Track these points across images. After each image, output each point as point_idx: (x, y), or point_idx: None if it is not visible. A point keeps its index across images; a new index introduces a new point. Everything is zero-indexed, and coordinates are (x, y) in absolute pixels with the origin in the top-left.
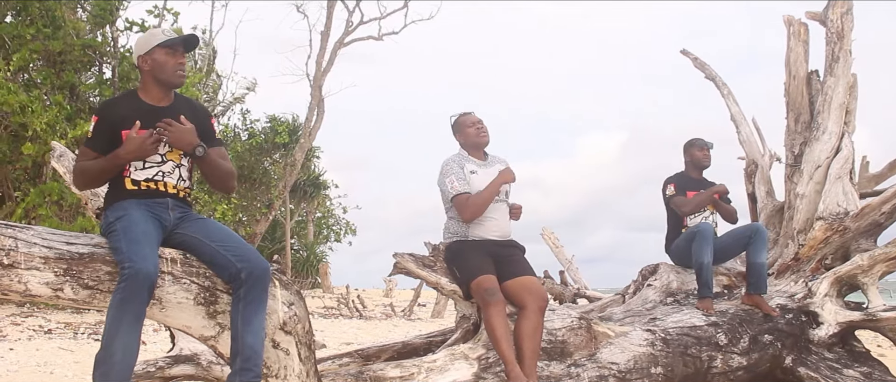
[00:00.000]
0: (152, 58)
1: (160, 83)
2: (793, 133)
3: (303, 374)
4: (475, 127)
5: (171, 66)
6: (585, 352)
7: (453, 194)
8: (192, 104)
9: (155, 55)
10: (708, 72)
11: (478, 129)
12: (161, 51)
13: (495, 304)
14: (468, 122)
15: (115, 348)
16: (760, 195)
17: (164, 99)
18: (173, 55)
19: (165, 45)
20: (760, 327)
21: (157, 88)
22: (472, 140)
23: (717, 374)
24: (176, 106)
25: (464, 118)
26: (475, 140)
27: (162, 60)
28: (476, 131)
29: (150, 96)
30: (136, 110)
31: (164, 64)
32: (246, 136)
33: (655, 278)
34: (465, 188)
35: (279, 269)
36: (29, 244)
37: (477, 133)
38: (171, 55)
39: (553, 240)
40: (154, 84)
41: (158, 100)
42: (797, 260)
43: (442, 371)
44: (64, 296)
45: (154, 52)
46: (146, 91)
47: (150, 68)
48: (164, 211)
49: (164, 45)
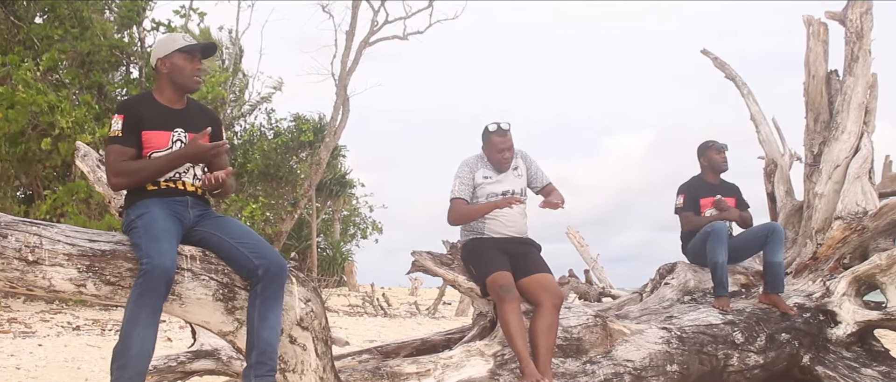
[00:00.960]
0: (171, 61)
1: (177, 86)
2: (812, 132)
3: (319, 369)
4: (502, 154)
5: (189, 71)
6: (601, 350)
7: (451, 196)
8: (203, 108)
9: (174, 59)
10: (728, 71)
11: (503, 158)
12: (180, 55)
13: (510, 301)
14: (498, 147)
15: (133, 341)
16: (779, 194)
17: (179, 102)
18: (191, 60)
19: (185, 50)
20: (777, 326)
21: (173, 91)
22: (494, 163)
23: (733, 372)
24: (189, 109)
25: (496, 140)
26: (497, 165)
27: (181, 65)
28: (500, 158)
29: (165, 98)
30: (152, 111)
31: (183, 68)
32: (272, 135)
33: (672, 277)
34: (465, 194)
35: (296, 267)
36: (53, 241)
37: (500, 160)
38: (190, 60)
39: (578, 240)
40: (170, 87)
41: (173, 102)
42: (815, 260)
43: (458, 367)
44: (86, 292)
45: (173, 57)
46: (161, 93)
47: (168, 71)
48: (184, 209)
49: (184, 50)
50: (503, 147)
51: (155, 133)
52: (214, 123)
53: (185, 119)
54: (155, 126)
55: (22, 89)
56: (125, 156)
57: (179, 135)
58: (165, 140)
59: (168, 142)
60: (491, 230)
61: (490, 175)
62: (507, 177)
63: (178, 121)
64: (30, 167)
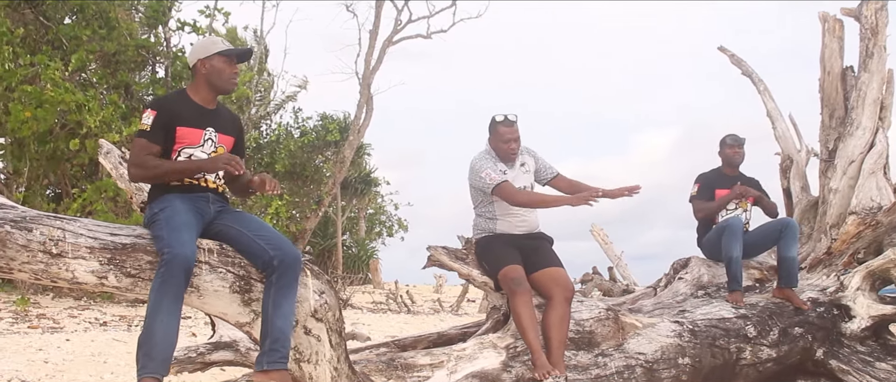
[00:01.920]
0: (211, 63)
1: (214, 87)
2: (827, 128)
3: (333, 359)
4: (508, 145)
5: (227, 74)
6: (613, 343)
7: (494, 184)
8: (230, 112)
9: (214, 61)
10: (744, 68)
11: (510, 149)
12: (220, 58)
13: (521, 294)
14: (504, 137)
15: (156, 328)
16: (795, 190)
17: (212, 102)
18: (230, 64)
19: (224, 53)
20: (791, 320)
21: (209, 92)
22: (501, 154)
23: (746, 366)
24: (220, 111)
25: (502, 130)
26: (504, 156)
27: (220, 67)
28: (506, 148)
29: (200, 98)
30: (188, 109)
31: (222, 71)
32: (298, 134)
33: (686, 271)
34: (504, 177)
35: (311, 260)
36: (76, 235)
37: (507, 150)
38: (228, 64)
39: (602, 237)
40: (207, 87)
41: (207, 102)
42: (829, 255)
43: (471, 359)
44: (108, 284)
45: (213, 59)
46: (197, 92)
47: (207, 72)
48: (205, 205)
49: (224, 53)
50: (509, 137)
51: (189, 130)
52: (239, 132)
53: (216, 120)
54: (190, 123)
55: (50, 88)
56: (149, 151)
57: (211, 133)
58: (198, 137)
59: (200, 139)
60: (502, 229)
61: (505, 168)
62: (515, 173)
63: (210, 121)
64: (58, 166)
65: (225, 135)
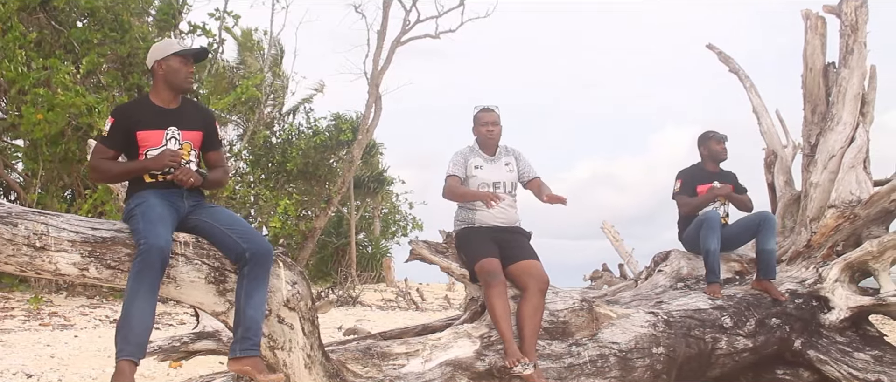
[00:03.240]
0: (168, 64)
1: (171, 87)
2: (809, 124)
3: (307, 347)
4: (487, 127)
5: (184, 74)
6: (587, 333)
7: (447, 174)
8: (198, 107)
9: (170, 62)
10: (732, 65)
11: (488, 131)
12: (176, 59)
13: (496, 285)
14: (482, 121)
15: (133, 315)
16: (779, 184)
17: (173, 102)
18: (186, 64)
19: (180, 54)
20: (768, 311)
21: (168, 92)
22: (481, 139)
23: (722, 355)
24: (183, 108)
25: (481, 115)
26: (484, 140)
27: (176, 67)
28: (486, 131)
29: (161, 99)
30: (147, 112)
31: (178, 71)
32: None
33: (666, 264)
34: (458, 172)
35: (284, 252)
36: (58, 229)
37: (487, 134)
38: (184, 63)
39: (613, 234)
40: (165, 88)
41: (168, 102)
42: (809, 247)
43: (445, 348)
44: (89, 275)
45: (170, 59)
46: (158, 95)
47: (164, 73)
48: (179, 200)
49: (179, 54)
50: (488, 121)
51: (149, 132)
52: (208, 125)
53: (178, 118)
54: (149, 126)
55: (61, 92)
56: (104, 155)
57: (173, 132)
58: (159, 138)
59: (162, 139)
60: (481, 219)
61: (481, 164)
62: (498, 168)
63: (171, 120)
64: (71, 167)
65: (189, 132)
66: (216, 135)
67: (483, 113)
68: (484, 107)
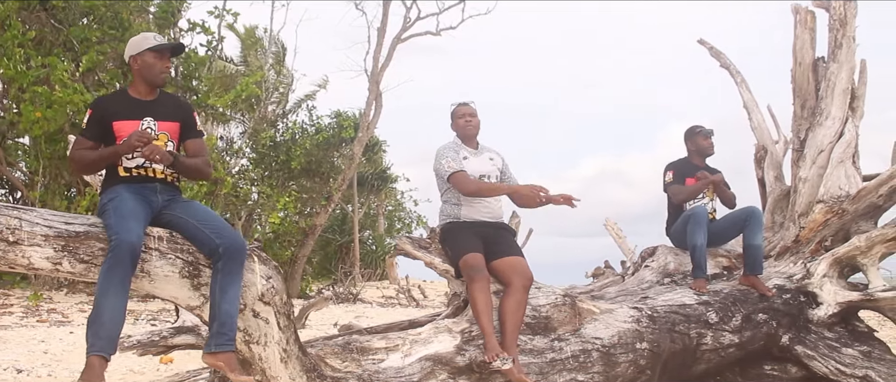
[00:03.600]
0: (143, 58)
1: (147, 81)
2: (799, 119)
3: (282, 341)
4: (464, 118)
5: (158, 68)
6: (569, 328)
7: (450, 172)
8: (175, 99)
9: (145, 57)
10: (722, 61)
11: (467, 122)
12: (150, 54)
13: (479, 280)
14: (459, 113)
15: (104, 310)
16: (769, 180)
17: (150, 94)
18: (161, 58)
19: (155, 49)
20: (755, 306)
21: (144, 86)
22: (461, 131)
23: (707, 351)
24: (160, 100)
25: (458, 109)
26: (463, 131)
27: (151, 62)
28: (464, 123)
29: (138, 92)
30: (124, 103)
31: (152, 65)
32: (313, 132)
33: (653, 259)
34: (461, 166)
35: (259, 247)
36: (32, 223)
37: (465, 125)
38: (159, 58)
39: (616, 231)
40: (142, 82)
41: (145, 95)
42: (797, 243)
43: (425, 342)
44: (63, 269)
45: (144, 54)
46: (135, 88)
47: (139, 68)
48: (153, 194)
49: (154, 49)
50: (465, 112)
51: (125, 123)
52: (185, 116)
53: (155, 109)
54: (125, 117)
55: (59, 89)
56: (82, 146)
57: (149, 122)
58: (136, 128)
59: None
60: (466, 215)
61: (466, 155)
62: (483, 161)
63: (147, 112)
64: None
65: (166, 122)
66: (195, 125)
67: (461, 106)
68: (460, 102)
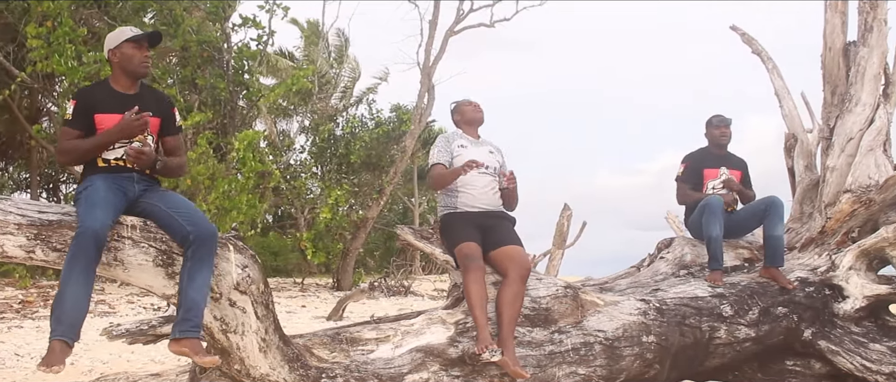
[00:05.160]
0: (121, 51)
1: (127, 73)
2: (829, 106)
3: (261, 330)
4: (472, 105)
5: (138, 59)
6: (571, 320)
7: (430, 162)
8: (156, 94)
9: (123, 49)
10: (754, 47)
11: (475, 107)
12: (129, 45)
13: (474, 270)
14: (466, 102)
15: (66, 296)
16: (798, 169)
17: (132, 87)
18: (139, 49)
19: (133, 39)
20: (774, 299)
21: (125, 78)
22: (468, 116)
23: (721, 345)
24: (141, 94)
25: (465, 104)
26: (470, 116)
27: (130, 54)
28: (473, 108)
29: (120, 85)
30: (106, 95)
31: (132, 57)
32: (373, 125)
33: (669, 250)
34: (443, 159)
35: (237, 236)
36: (5, 212)
37: (473, 110)
38: (137, 49)
39: (677, 224)
40: (122, 74)
41: (126, 88)
42: (823, 234)
43: (418, 334)
44: (36, 257)
45: (123, 47)
46: (116, 80)
47: (118, 60)
48: (130, 184)
49: (132, 39)
50: (472, 102)
51: (107, 116)
52: (165, 111)
53: (136, 103)
54: (107, 109)
55: None
56: (69, 137)
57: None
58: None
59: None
60: (464, 203)
61: (465, 144)
62: (482, 151)
63: (129, 105)
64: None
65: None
66: (174, 121)
67: (465, 105)
68: (465, 100)
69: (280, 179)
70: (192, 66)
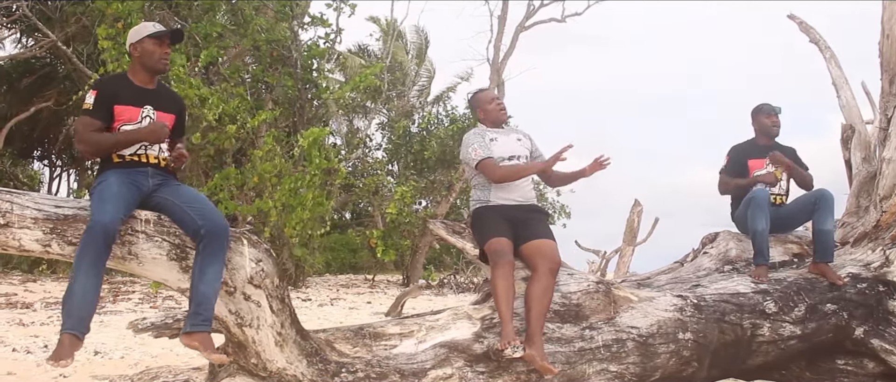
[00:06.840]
0: (142, 46)
1: (147, 69)
2: (887, 95)
3: (276, 324)
4: (495, 102)
5: (158, 55)
6: (603, 316)
7: (477, 160)
8: (171, 93)
9: (144, 44)
10: (812, 35)
11: (498, 105)
12: (150, 41)
13: (502, 265)
14: (487, 98)
15: (76, 289)
16: (855, 161)
17: (150, 83)
18: (160, 45)
19: (154, 36)
20: (823, 296)
21: (144, 73)
22: (492, 117)
23: (764, 343)
24: (159, 90)
25: (482, 95)
26: (495, 117)
27: (150, 49)
28: (496, 107)
29: (138, 79)
30: (126, 88)
31: (152, 52)
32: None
33: (713, 245)
34: (488, 153)
35: (251, 231)
36: (22, 207)
37: (497, 109)
38: (158, 45)
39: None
40: (142, 69)
41: (145, 83)
42: (877, 228)
43: (442, 329)
44: (52, 251)
45: (144, 42)
46: (135, 74)
47: (139, 55)
48: (144, 179)
49: (154, 36)
50: (494, 97)
51: (127, 108)
52: (180, 110)
53: (154, 98)
54: (127, 101)
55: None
56: (91, 128)
57: (148, 111)
58: (136, 114)
59: (138, 116)
60: (498, 197)
61: (495, 136)
62: (510, 141)
63: (148, 100)
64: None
65: (164, 113)
66: (183, 123)
67: (483, 92)
68: (479, 89)
69: (346, 176)
70: (263, 65)
